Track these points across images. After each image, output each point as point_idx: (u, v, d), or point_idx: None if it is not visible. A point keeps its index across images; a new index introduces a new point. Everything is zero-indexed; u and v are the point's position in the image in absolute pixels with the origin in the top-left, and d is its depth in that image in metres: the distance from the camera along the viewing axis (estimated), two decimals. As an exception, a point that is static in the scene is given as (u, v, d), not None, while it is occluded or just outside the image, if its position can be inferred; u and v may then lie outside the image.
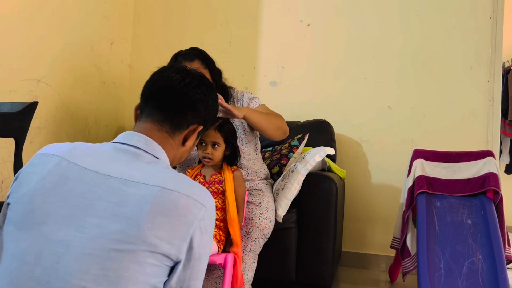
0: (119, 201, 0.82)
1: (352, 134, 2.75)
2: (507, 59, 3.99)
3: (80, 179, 0.85)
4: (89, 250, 0.79)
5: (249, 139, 1.95)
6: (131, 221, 0.80)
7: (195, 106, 1.03)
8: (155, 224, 0.81)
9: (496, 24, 2.56)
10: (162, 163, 0.94)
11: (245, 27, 2.95)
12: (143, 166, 0.89)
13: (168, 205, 0.83)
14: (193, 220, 0.85)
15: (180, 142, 1.03)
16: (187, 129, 1.03)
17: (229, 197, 1.58)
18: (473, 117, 2.58)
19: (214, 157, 1.63)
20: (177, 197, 0.84)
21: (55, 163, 0.88)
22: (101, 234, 0.79)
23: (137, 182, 0.84)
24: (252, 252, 1.70)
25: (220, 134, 1.61)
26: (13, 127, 1.62)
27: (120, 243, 0.79)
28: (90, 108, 2.70)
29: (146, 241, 0.80)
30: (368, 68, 2.74)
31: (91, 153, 0.91)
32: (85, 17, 2.62)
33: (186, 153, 1.08)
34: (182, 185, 0.87)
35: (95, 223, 0.80)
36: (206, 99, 1.06)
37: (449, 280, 1.82)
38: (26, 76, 2.21)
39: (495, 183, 2.03)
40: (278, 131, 1.88)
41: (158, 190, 0.83)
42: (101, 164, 0.87)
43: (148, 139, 0.95)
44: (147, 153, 0.93)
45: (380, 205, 2.68)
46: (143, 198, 0.82)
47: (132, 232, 0.79)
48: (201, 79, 1.08)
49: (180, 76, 1.03)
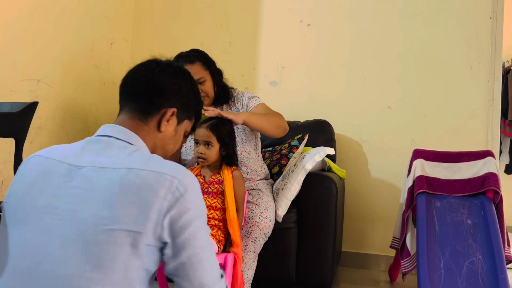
0: (91, 187, 0.85)
1: (352, 134, 2.75)
2: (507, 59, 3.99)
3: (56, 171, 0.89)
4: (70, 236, 0.82)
5: (249, 137, 1.96)
6: (103, 204, 0.83)
7: (161, 89, 1.03)
8: (127, 203, 0.83)
9: (496, 24, 2.56)
10: (132, 147, 0.95)
11: (245, 27, 2.95)
12: (113, 152, 0.91)
13: (136, 183, 0.84)
14: (165, 193, 0.84)
15: (155, 128, 1.03)
16: (159, 113, 1.02)
17: (228, 197, 1.59)
18: (473, 117, 2.58)
19: (207, 157, 1.63)
20: (146, 174, 0.85)
21: (34, 162, 0.94)
22: (78, 219, 0.83)
23: (106, 168, 0.87)
24: (253, 252, 1.71)
25: (213, 133, 1.61)
26: (13, 127, 1.62)
27: (96, 225, 0.81)
28: (90, 108, 2.70)
29: (121, 221, 0.82)
30: (368, 68, 2.74)
31: (66, 148, 0.95)
32: (85, 17, 2.63)
33: (169, 140, 1.07)
34: (150, 163, 0.88)
35: (72, 209, 0.84)
36: (174, 81, 1.06)
37: (449, 280, 1.82)
38: (26, 76, 2.21)
39: (495, 183, 2.03)
40: (278, 130, 1.90)
41: (124, 171, 0.86)
42: (74, 157, 0.91)
43: (121, 127, 0.98)
44: (119, 140, 0.95)
45: (380, 205, 2.68)
46: (111, 181, 0.85)
47: (106, 214, 0.82)
48: (167, 64, 1.09)
49: (145, 66, 1.07)
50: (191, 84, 1.11)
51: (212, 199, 1.62)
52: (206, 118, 1.66)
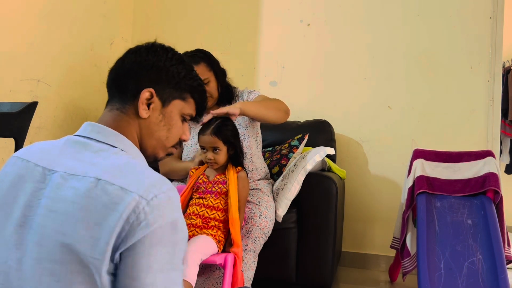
0: (57, 197, 0.76)
1: (352, 134, 2.75)
2: (507, 59, 3.98)
3: (31, 176, 0.81)
4: (37, 254, 0.74)
5: (250, 133, 1.95)
6: (66, 217, 0.73)
7: (131, 71, 0.92)
8: (89, 221, 0.72)
9: (496, 24, 2.56)
10: (111, 149, 0.84)
11: (245, 27, 2.95)
12: (88, 156, 0.81)
13: (101, 199, 0.73)
14: (128, 215, 0.71)
15: (133, 115, 0.91)
16: (135, 98, 0.91)
17: (232, 198, 1.58)
18: (473, 117, 2.58)
19: (218, 161, 1.63)
20: (111, 190, 0.73)
21: (11, 164, 0.86)
22: (44, 234, 0.74)
23: (75, 175, 0.77)
24: (253, 252, 1.70)
25: (218, 138, 1.61)
26: (13, 127, 1.62)
27: (60, 243, 0.72)
28: (90, 108, 2.70)
29: (82, 240, 0.71)
30: (368, 68, 2.74)
31: (45, 149, 0.86)
32: (85, 17, 2.62)
33: (155, 126, 0.93)
34: (120, 176, 0.76)
35: (39, 223, 0.75)
36: (146, 58, 0.93)
37: (449, 280, 1.82)
38: (26, 76, 2.21)
39: (495, 183, 2.03)
40: (278, 112, 1.87)
41: (92, 181, 0.75)
42: (50, 159, 0.82)
43: (102, 126, 0.88)
44: (98, 141, 0.85)
45: (380, 205, 2.68)
46: (77, 191, 0.74)
47: (68, 231, 0.72)
48: (141, 45, 0.98)
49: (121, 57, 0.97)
50: (170, 58, 0.96)
51: (215, 199, 1.62)
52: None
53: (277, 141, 2.50)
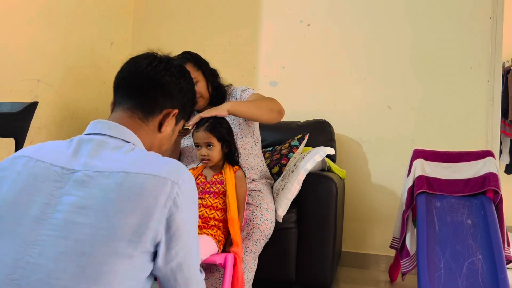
0: (85, 194, 0.80)
1: (352, 134, 2.75)
2: (507, 59, 3.99)
3: (47, 176, 0.84)
4: (63, 248, 0.77)
5: (245, 133, 1.94)
6: (99, 212, 0.78)
7: (164, 89, 0.99)
8: (125, 212, 0.78)
9: (496, 24, 2.56)
10: (128, 145, 0.89)
11: (245, 27, 2.95)
12: (106, 154, 0.86)
13: (134, 189, 0.80)
14: (165, 200, 0.81)
15: (155, 128, 0.99)
16: (161, 114, 0.99)
17: (230, 197, 1.58)
18: (473, 117, 2.58)
19: (211, 158, 1.63)
20: (143, 179, 0.81)
21: (23, 164, 0.87)
22: (72, 229, 0.78)
23: (100, 172, 0.82)
24: (253, 253, 1.70)
25: (212, 134, 1.61)
26: (13, 127, 1.62)
27: (92, 237, 0.77)
28: (90, 108, 2.70)
29: (118, 231, 0.77)
30: (368, 68, 2.74)
31: (57, 149, 0.89)
32: (85, 17, 2.63)
33: (166, 140, 1.04)
34: (147, 165, 0.83)
35: (65, 219, 0.79)
36: (177, 81, 1.02)
37: (449, 280, 1.82)
38: (26, 76, 2.21)
39: (495, 183, 2.03)
40: (271, 113, 1.82)
41: (122, 175, 0.81)
42: (66, 159, 0.86)
43: (113, 123, 0.92)
44: (112, 137, 0.90)
45: (380, 205, 2.68)
46: (108, 187, 0.80)
47: (102, 224, 0.77)
48: (169, 61, 1.04)
49: (147, 61, 1.02)
50: (191, 83, 1.07)
51: (213, 199, 1.62)
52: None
53: (277, 141, 2.50)
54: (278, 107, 1.87)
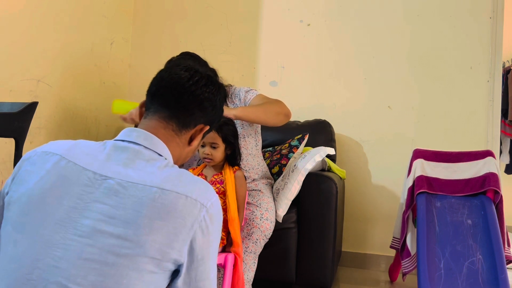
0: (116, 204, 0.79)
1: (352, 134, 2.75)
2: (507, 59, 3.98)
3: (78, 179, 0.82)
4: (87, 255, 0.76)
5: (248, 133, 1.95)
6: (128, 224, 0.78)
7: (202, 105, 0.99)
8: (153, 228, 0.78)
9: (496, 24, 2.56)
10: (162, 160, 0.90)
11: (245, 27, 2.95)
12: (141, 165, 0.85)
13: (165, 207, 0.80)
14: (192, 222, 0.82)
15: (186, 141, 1.00)
16: (194, 129, 0.99)
17: (230, 197, 1.59)
18: (473, 117, 2.58)
19: (214, 157, 1.63)
20: (175, 198, 0.81)
21: (54, 162, 0.85)
22: (98, 238, 0.77)
23: (134, 183, 0.81)
24: (253, 253, 1.71)
25: (218, 135, 1.62)
26: (13, 127, 1.62)
27: (118, 248, 0.76)
28: (90, 108, 2.70)
29: (144, 246, 0.77)
30: (368, 68, 2.74)
31: (90, 152, 0.87)
32: (85, 17, 2.62)
33: (191, 153, 1.05)
34: (180, 184, 0.83)
35: (92, 226, 0.78)
36: (214, 98, 1.02)
37: (449, 280, 1.82)
38: (26, 76, 2.21)
39: (495, 183, 2.03)
40: (278, 117, 1.83)
41: (156, 191, 0.80)
42: (99, 164, 0.84)
43: (148, 133, 0.92)
44: (147, 149, 0.90)
45: (380, 205, 2.68)
46: (140, 200, 0.79)
47: (130, 237, 0.77)
48: (209, 78, 1.04)
49: (188, 74, 1.00)
50: (222, 98, 1.08)
51: (213, 199, 1.62)
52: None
53: (277, 141, 2.50)
54: (285, 110, 1.87)
